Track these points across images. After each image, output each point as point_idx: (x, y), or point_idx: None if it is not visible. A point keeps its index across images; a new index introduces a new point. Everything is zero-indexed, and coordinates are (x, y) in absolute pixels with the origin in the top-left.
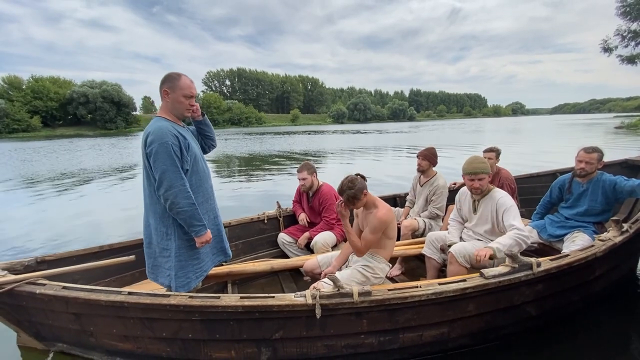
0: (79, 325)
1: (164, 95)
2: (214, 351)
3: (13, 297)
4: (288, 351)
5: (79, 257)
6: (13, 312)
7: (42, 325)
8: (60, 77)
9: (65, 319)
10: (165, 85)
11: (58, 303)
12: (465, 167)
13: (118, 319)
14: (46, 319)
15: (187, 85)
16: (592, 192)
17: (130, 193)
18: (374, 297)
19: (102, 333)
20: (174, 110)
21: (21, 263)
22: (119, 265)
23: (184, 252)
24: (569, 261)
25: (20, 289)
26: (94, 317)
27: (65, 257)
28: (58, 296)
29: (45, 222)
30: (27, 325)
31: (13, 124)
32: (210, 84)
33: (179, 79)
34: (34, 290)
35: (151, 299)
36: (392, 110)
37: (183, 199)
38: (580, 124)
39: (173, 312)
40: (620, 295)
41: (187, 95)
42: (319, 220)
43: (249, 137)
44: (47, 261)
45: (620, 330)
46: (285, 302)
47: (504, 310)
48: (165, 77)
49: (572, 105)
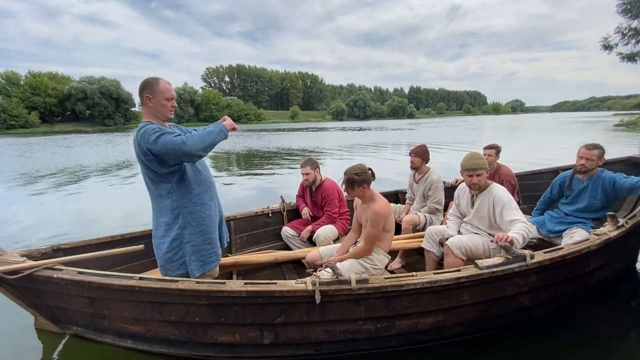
0: (93, 308)
1: (146, 101)
2: (220, 334)
3: (31, 281)
4: (290, 335)
5: (92, 245)
6: (31, 296)
7: (58, 309)
8: (59, 73)
9: (80, 303)
10: (146, 92)
11: (74, 287)
12: (464, 163)
13: (129, 302)
14: (62, 302)
15: (167, 88)
16: (592, 189)
17: (131, 188)
18: (371, 284)
19: (115, 316)
20: (157, 114)
21: (38, 250)
22: (129, 254)
23: (196, 237)
24: (562, 254)
25: (39, 273)
26: (107, 301)
27: (79, 245)
28: (74, 280)
29: (46, 217)
30: (44, 309)
31: (11, 119)
32: (210, 80)
33: (157, 84)
34: (51, 274)
35: (160, 283)
36: (391, 108)
37: (192, 141)
38: (580, 122)
39: (181, 296)
40: (618, 289)
41: (169, 97)
42: (321, 214)
43: (249, 134)
44: (63, 249)
45: (616, 324)
46: (287, 288)
47: (498, 301)
48: (144, 84)
49: (571, 103)
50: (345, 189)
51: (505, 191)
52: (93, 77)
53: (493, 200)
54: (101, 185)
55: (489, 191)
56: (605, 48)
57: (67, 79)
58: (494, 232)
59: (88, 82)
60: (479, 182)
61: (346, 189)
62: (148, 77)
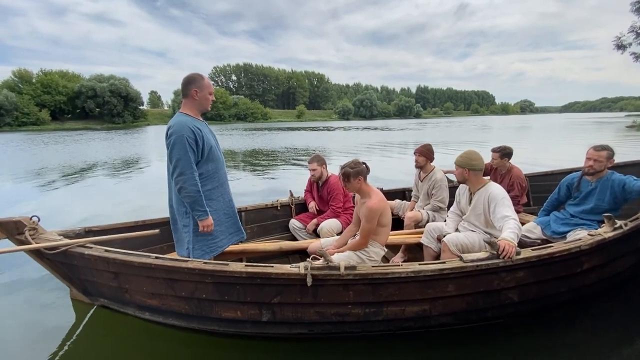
0: (117, 282)
1: (192, 94)
2: (224, 310)
3: (66, 257)
4: (285, 315)
5: (118, 229)
6: (66, 269)
7: (88, 282)
8: (69, 71)
9: (106, 277)
10: (194, 86)
11: (101, 263)
12: (458, 158)
13: (147, 278)
14: (91, 276)
15: (209, 84)
16: (600, 191)
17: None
18: (359, 271)
19: (135, 290)
20: (200, 106)
21: (73, 231)
22: (149, 238)
23: (199, 228)
24: (550, 252)
25: (72, 250)
26: (129, 276)
27: (107, 228)
28: (101, 257)
29: (83, 203)
30: (77, 282)
31: (22, 117)
32: (217, 79)
33: (203, 79)
34: (82, 251)
35: (173, 262)
36: (398, 107)
37: (190, 185)
38: (591, 123)
39: (190, 274)
40: (618, 291)
41: (211, 92)
42: (327, 208)
43: (255, 132)
44: (93, 230)
45: (610, 325)
46: (282, 270)
47: (485, 294)
48: (191, 79)
49: (582, 103)
50: (342, 182)
51: (500, 189)
52: (102, 75)
53: (488, 197)
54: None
55: (486, 189)
56: (618, 47)
57: (77, 77)
58: (490, 230)
59: (98, 80)
60: (462, 175)
61: (343, 183)
62: (192, 72)
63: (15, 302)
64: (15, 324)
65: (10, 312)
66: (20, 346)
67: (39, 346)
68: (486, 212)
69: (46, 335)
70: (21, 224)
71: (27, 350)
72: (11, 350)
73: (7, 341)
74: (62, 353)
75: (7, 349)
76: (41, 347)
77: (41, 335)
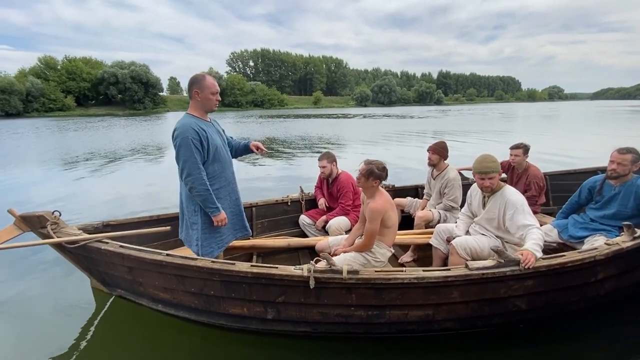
0: (131, 276)
1: (194, 95)
2: (230, 307)
3: (86, 250)
4: (289, 313)
5: (134, 223)
6: (86, 262)
7: (106, 274)
8: (92, 57)
9: (122, 271)
10: (195, 87)
11: (116, 258)
12: (476, 165)
13: (159, 274)
14: (109, 269)
15: (212, 84)
16: (624, 196)
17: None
18: (361, 275)
19: (148, 284)
20: (204, 106)
21: (92, 225)
22: (163, 233)
23: (207, 226)
24: (561, 262)
25: (91, 245)
26: (142, 271)
27: (123, 222)
28: (116, 252)
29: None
30: (96, 273)
31: (49, 103)
32: (234, 65)
33: (204, 80)
34: (99, 246)
35: (183, 260)
36: (418, 93)
37: (199, 185)
38: (625, 112)
39: (199, 272)
40: (634, 302)
41: (214, 92)
42: (336, 205)
43: (270, 120)
44: (111, 225)
45: (621, 338)
46: (286, 272)
47: (491, 301)
48: (193, 80)
49: (616, 90)
50: (359, 176)
51: (518, 194)
52: (124, 62)
53: (505, 204)
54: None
55: (502, 194)
56: None
57: (100, 63)
58: (501, 235)
59: (120, 67)
60: (491, 185)
61: (360, 177)
62: (196, 73)
63: (44, 286)
64: (42, 308)
65: (39, 294)
66: (47, 327)
67: (63, 330)
68: (500, 217)
69: (70, 320)
70: (44, 219)
71: (55, 330)
72: (42, 329)
73: (36, 320)
74: (86, 337)
75: (37, 327)
76: (66, 332)
77: (66, 320)
